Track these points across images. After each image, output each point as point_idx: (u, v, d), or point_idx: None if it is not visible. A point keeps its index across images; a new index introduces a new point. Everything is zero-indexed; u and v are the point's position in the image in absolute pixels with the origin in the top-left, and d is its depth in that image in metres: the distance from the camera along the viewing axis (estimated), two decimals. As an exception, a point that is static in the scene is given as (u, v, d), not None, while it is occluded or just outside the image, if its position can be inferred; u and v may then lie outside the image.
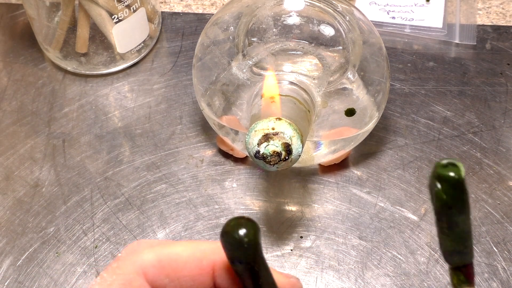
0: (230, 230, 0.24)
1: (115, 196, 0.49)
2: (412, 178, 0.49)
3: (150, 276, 0.26)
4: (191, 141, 0.52)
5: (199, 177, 0.50)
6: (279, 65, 0.44)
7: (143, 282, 0.26)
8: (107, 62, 0.55)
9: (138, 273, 0.26)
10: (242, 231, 0.24)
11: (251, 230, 0.25)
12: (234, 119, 0.46)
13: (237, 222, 0.25)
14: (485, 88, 0.53)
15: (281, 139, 0.38)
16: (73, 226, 0.48)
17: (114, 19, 0.52)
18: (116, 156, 0.51)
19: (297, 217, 0.47)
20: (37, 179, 0.50)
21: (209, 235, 0.47)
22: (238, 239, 0.24)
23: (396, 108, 0.53)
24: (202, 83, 0.47)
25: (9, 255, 0.47)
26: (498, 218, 0.47)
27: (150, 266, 0.26)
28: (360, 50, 0.45)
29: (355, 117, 0.45)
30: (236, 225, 0.25)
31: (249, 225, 0.25)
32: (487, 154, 0.50)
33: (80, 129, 0.53)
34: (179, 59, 0.57)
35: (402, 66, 0.55)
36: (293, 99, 0.42)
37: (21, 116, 0.54)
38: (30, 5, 0.52)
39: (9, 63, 0.57)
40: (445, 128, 0.51)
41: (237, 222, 0.25)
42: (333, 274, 0.45)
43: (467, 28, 0.57)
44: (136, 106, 0.54)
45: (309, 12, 0.45)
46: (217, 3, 0.60)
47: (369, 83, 0.45)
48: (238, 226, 0.25)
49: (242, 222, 0.25)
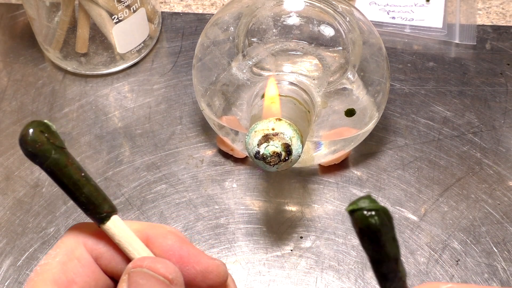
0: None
1: (115, 196, 0.49)
2: (412, 178, 0.49)
3: (89, 245, 0.30)
4: (191, 141, 0.52)
5: (199, 177, 0.50)
6: (279, 65, 0.44)
7: (83, 250, 0.30)
8: (107, 62, 0.55)
9: (78, 243, 0.30)
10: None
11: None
12: (234, 119, 0.46)
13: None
14: (485, 88, 0.53)
15: (281, 140, 0.38)
16: (73, 226, 0.48)
17: (114, 19, 0.52)
18: (116, 156, 0.51)
19: (297, 217, 0.47)
20: (37, 179, 0.50)
21: (209, 235, 0.47)
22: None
23: (396, 108, 0.53)
24: (202, 84, 0.47)
25: (9, 255, 0.47)
26: (498, 218, 0.47)
27: (89, 237, 0.30)
28: (360, 50, 0.45)
29: (355, 117, 0.45)
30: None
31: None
32: (487, 154, 0.50)
33: (80, 129, 0.53)
34: (179, 59, 0.57)
35: (402, 66, 0.55)
36: (293, 99, 0.42)
37: (21, 116, 0.54)
38: (30, 5, 0.52)
39: (9, 63, 0.57)
40: (445, 128, 0.51)
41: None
42: (333, 274, 0.45)
43: (467, 28, 0.57)
44: (136, 106, 0.54)
45: (309, 13, 0.45)
46: (217, 3, 0.60)
47: (369, 83, 0.45)
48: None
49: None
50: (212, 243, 0.47)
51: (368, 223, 0.22)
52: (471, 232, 0.46)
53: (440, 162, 0.50)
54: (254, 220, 0.48)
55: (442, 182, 0.49)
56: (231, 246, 0.46)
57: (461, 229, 0.46)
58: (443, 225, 0.47)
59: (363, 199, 0.22)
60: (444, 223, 0.47)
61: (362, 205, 0.22)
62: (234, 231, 0.47)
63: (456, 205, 0.48)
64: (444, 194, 0.48)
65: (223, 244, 0.47)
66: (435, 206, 0.48)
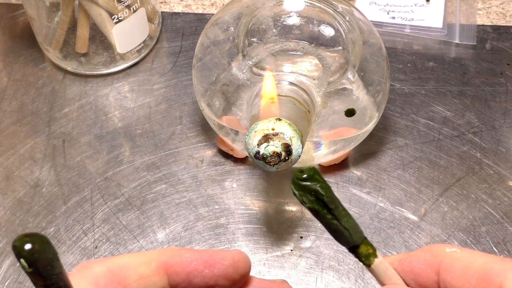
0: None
1: (115, 196, 0.49)
2: (412, 178, 0.49)
3: (102, 286, 0.27)
4: (191, 141, 0.52)
5: (199, 177, 0.50)
6: (279, 65, 0.44)
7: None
8: (107, 62, 0.55)
9: (89, 285, 0.27)
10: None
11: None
12: (234, 119, 0.46)
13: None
14: (485, 88, 0.53)
15: (281, 140, 0.38)
16: (73, 226, 0.48)
17: (114, 19, 0.52)
18: (116, 156, 0.51)
19: (297, 217, 0.47)
20: (37, 179, 0.50)
21: (209, 235, 0.47)
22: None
23: (396, 108, 0.53)
24: (202, 84, 0.47)
25: (9, 255, 0.47)
26: (498, 218, 0.47)
27: (101, 277, 0.27)
28: (360, 50, 0.45)
29: (355, 117, 0.45)
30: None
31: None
32: (487, 154, 0.50)
33: (80, 129, 0.53)
34: (179, 59, 0.57)
35: (402, 66, 0.55)
36: (293, 99, 0.42)
37: (21, 116, 0.54)
38: (30, 5, 0.52)
39: (9, 63, 0.57)
40: (445, 128, 0.51)
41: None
42: (333, 274, 0.45)
43: (467, 28, 0.57)
44: (136, 106, 0.54)
45: (309, 13, 0.45)
46: (217, 3, 0.60)
47: (369, 83, 0.45)
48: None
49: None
50: (212, 243, 0.47)
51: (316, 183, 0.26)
52: (471, 232, 0.46)
53: (440, 162, 0.50)
54: (254, 220, 0.48)
55: (442, 182, 0.49)
56: (231, 246, 0.46)
57: (461, 229, 0.46)
58: (443, 225, 0.47)
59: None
60: (444, 223, 0.47)
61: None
62: (234, 231, 0.47)
63: (456, 205, 0.48)
64: (444, 194, 0.48)
65: (223, 244, 0.47)
66: (435, 206, 0.48)
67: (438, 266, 0.28)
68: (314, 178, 0.26)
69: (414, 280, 0.28)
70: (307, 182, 0.25)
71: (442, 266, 0.28)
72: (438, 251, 0.28)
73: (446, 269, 0.28)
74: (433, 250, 0.29)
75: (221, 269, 0.29)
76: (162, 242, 0.47)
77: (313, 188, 0.26)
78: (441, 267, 0.28)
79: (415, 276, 0.29)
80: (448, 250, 0.28)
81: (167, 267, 0.29)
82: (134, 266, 0.28)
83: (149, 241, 0.47)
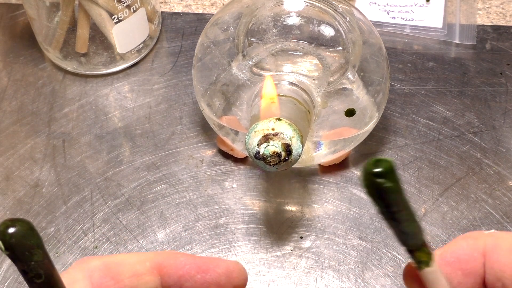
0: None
1: (115, 196, 0.49)
2: (412, 178, 0.49)
3: (96, 279, 0.28)
4: (191, 141, 0.52)
5: (199, 177, 0.50)
6: (279, 65, 0.44)
7: (87, 283, 0.28)
8: (107, 62, 0.55)
9: (84, 277, 0.28)
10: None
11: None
12: (234, 119, 0.46)
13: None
14: (485, 88, 0.53)
15: (281, 140, 0.38)
16: (73, 226, 0.48)
17: (114, 19, 0.52)
18: (116, 156, 0.51)
19: (297, 217, 0.47)
20: (37, 179, 0.50)
21: (209, 235, 0.47)
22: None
23: (396, 108, 0.53)
24: (202, 84, 0.47)
25: (9, 255, 0.47)
26: (498, 218, 0.47)
27: (96, 270, 0.28)
28: (360, 50, 0.45)
29: (355, 117, 0.45)
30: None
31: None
32: (487, 154, 0.50)
33: (80, 129, 0.53)
34: (179, 59, 0.57)
35: (402, 66, 0.55)
36: (293, 99, 0.42)
37: (21, 116, 0.54)
38: (30, 5, 0.52)
39: (9, 63, 0.57)
40: (445, 128, 0.51)
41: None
42: (333, 274, 0.45)
43: (467, 28, 0.57)
44: (136, 106, 0.54)
45: (309, 13, 0.45)
46: (217, 3, 0.60)
47: (369, 83, 0.45)
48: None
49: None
50: (212, 243, 0.47)
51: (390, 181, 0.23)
52: (471, 232, 0.46)
53: (440, 162, 0.50)
54: (254, 220, 0.48)
55: (442, 182, 0.49)
56: (231, 246, 0.47)
57: (461, 229, 0.46)
58: (443, 225, 0.47)
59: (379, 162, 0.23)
60: (444, 223, 0.47)
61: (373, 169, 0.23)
62: (234, 231, 0.47)
63: (456, 205, 0.48)
64: (444, 194, 0.48)
65: (223, 244, 0.47)
66: (435, 206, 0.48)
67: (483, 248, 0.28)
68: (387, 176, 0.23)
69: (460, 270, 0.28)
70: (378, 178, 0.23)
71: (487, 246, 0.28)
72: (478, 235, 0.29)
73: (492, 248, 0.28)
74: (472, 235, 0.29)
75: (213, 276, 0.29)
76: (162, 242, 0.47)
77: (380, 187, 0.23)
78: (487, 247, 0.28)
79: (462, 264, 0.28)
80: (487, 232, 0.28)
81: (161, 268, 0.29)
82: (130, 264, 0.29)
83: (149, 241, 0.47)
